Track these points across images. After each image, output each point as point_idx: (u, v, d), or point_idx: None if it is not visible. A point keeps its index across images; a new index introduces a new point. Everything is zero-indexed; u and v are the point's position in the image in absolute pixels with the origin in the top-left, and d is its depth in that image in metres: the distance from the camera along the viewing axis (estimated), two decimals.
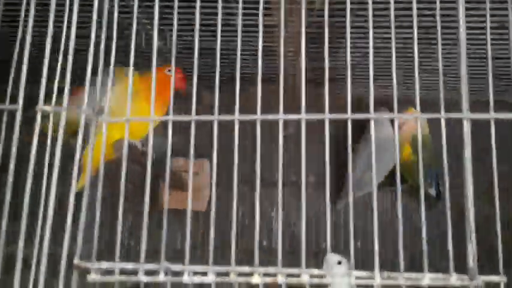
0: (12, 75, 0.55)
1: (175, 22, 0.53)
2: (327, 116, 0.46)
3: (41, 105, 0.48)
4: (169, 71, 0.97)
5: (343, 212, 1.29)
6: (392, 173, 1.17)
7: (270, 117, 0.48)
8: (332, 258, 0.58)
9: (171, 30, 0.91)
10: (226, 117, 0.47)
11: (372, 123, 0.49)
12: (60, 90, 0.50)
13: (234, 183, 0.49)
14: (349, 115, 0.47)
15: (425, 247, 0.44)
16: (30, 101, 0.51)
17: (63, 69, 0.48)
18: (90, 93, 0.51)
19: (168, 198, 1.23)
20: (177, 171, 1.22)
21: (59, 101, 0.50)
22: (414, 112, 1.14)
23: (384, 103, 1.24)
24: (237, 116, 0.47)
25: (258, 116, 0.48)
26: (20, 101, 0.51)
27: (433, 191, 1.24)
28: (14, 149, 0.50)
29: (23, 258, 0.46)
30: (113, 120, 0.52)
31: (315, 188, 1.31)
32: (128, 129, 0.52)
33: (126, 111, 0.54)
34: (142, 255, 0.47)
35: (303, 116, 0.47)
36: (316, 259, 1.25)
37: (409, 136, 1.22)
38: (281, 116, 0.48)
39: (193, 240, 1.28)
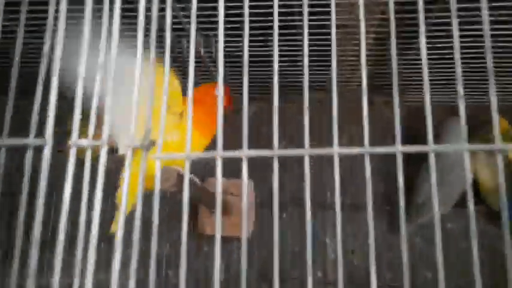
0: (37, 104, 0.45)
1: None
2: (367, 150, 0.36)
3: (75, 139, 0.40)
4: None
5: (408, 240, 1.16)
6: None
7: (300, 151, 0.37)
8: None
9: (216, 35, 0.82)
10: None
11: (433, 158, 0.37)
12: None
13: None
14: (398, 148, 0.36)
15: None
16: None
17: None
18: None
19: (210, 224, 1.14)
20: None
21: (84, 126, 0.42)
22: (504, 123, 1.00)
23: (455, 111, 1.11)
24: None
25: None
26: (49, 134, 0.42)
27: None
28: (41, 194, 0.41)
29: None
30: (169, 156, 0.42)
31: (375, 210, 1.18)
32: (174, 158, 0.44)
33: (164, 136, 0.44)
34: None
35: (335, 150, 0.36)
36: None
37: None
38: (307, 152, 0.38)
39: (238, 270, 1.18)
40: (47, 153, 0.42)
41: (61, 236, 0.40)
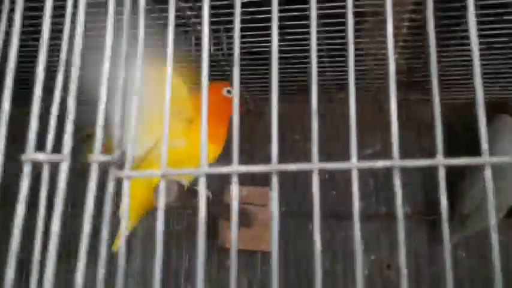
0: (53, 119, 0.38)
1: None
2: (396, 163, 0.27)
3: (98, 155, 0.32)
4: (228, 91, 0.78)
5: (452, 253, 1.03)
6: None
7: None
8: None
9: (228, 31, 0.73)
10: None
11: (489, 172, 0.28)
12: None
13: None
14: (440, 160, 0.27)
15: None
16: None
17: None
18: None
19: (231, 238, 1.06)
20: (241, 203, 1.04)
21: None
22: None
23: (502, 105, 0.98)
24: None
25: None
26: (66, 149, 0.35)
27: None
28: (57, 214, 0.35)
29: None
30: (141, 174, 0.35)
31: (413, 220, 1.06)
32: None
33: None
34: None
35: (354, 164, 0.28)
36: None
37: None
38: (315, 166, 0.28)
39: (262, 286, 1.09)
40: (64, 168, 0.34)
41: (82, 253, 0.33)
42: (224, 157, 0.77)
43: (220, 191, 1.11)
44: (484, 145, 0.27)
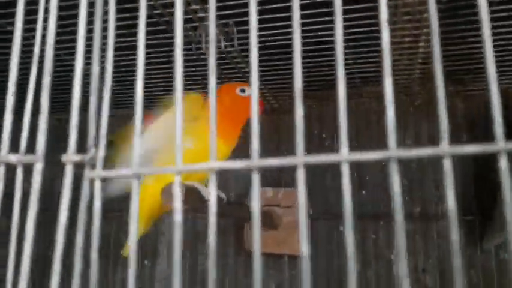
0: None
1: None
2: (393, 153, 0.23)
3: (71, 154, 0.31)
4: (242, 91, 0.75)
5: (494, 254, 0.95)
6: None
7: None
8: None
9: (239, 23, 0.70)
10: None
11: (505, 160, 0.24)
12: None
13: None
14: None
15: None
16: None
17: None
18: None
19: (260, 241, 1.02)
20: (267, 206, 1.01)
21: None
22: None
23: None
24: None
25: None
26: (40, 149, 0.34)
27: None
28: (32, 215, 0.33)
29: None
30: (109, 174, 0.32)
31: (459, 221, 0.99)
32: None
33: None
34: None
35: (344, 157, 0.23)
36: None
37: None
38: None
39: None
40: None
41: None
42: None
43: (245, 194, 1.08)
44: (499, 129, 0.23)
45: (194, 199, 0.58)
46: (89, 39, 0.32)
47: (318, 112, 1.10)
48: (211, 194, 0.28)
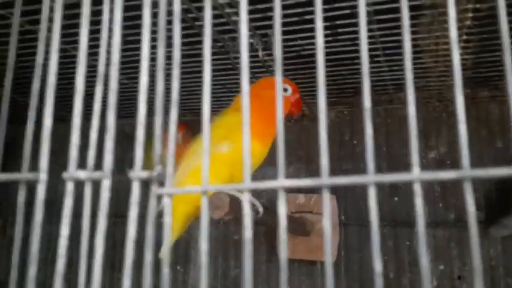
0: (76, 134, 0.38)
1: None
2: (466, 173, 0.23)
3: (138, 171, 0.31)
4: (285, 90, 0.75)
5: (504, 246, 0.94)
6: None
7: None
8: None
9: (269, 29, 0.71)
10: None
11: None
12: None
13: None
14: None
15: None
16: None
17: None
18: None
19: (289, 248, 1.03)
20: (299, 212, 1.01)
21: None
22: None
23: None
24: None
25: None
26: (107, 166, 0.36)
27: None
28: (101, 229, 0.35)
29: None
30: (181, 190, 0.33)
31: (482, 226, 0.98)
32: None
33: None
34: None
35: (416, 176, 0.24)
36: None
37: None
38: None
39: None
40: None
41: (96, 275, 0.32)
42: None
43: (276, 200, 1.08)
44: None
45: (236, 209, 0.59)
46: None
47: (350, 118, 1.10)
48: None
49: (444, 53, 0.74)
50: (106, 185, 0.33)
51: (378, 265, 0.26)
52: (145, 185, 0.33)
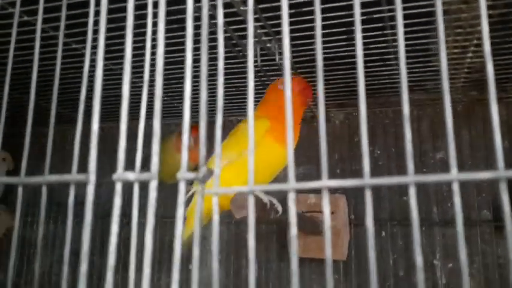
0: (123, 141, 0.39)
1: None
2: (501, 174, 0.25)
3: (184, 172, 0.34)
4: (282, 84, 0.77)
5: None
6: None
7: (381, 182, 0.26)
8: None
9: (295, 38, 0.73)
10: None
11: None
12: None
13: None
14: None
15: None
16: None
17: None
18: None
19: (301, 246, 1.05)
20: (310, 212, 1.03)
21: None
22: None
23: None
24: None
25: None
26: (154, 167, 0.38)
27: None
28: (149, 228, 0.37)
29: None
30: (227, 190, 0.35)
31: (494, 228, 1.00)
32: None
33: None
34: None
35: (455, 176, 0.26)
36: None
37: None
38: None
39: None
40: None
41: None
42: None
43: (286, 199, 1.10)
44: None
45: (259, 209, 0.61)
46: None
47: (359, 120, 1.12)
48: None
49: (453, 57, 0.76)
50: (153, 185, 0.35)
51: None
52: (143, 186, 0.35)
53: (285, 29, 0.37)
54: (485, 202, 1.01)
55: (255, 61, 0.75)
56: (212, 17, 0.64)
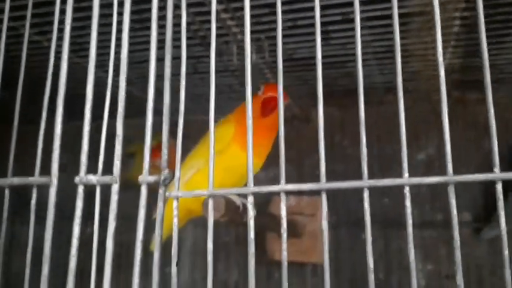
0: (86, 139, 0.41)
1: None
2: (450, 178, 0.27)
3: (146, 175, 0.36)
4: (257, 89, 0.75)
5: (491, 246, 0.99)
6: None
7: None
8: None
9: (270, 37, 0.75)
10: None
11: None
12: None
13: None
14: (497, 174, 0.27)
15: None
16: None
17: None
18: None
19: (279, 250, 1.06)
20: (289, 214, 1.04)
21: None
22: None
23: None
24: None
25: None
26: (116, 170, 0.38)
27: None
28: (111, 232, 0.37)
29: None
30: (189, 194, 0.36)
31: (473, 228, 1.03)
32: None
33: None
34: None
35: (406, 180, 0.28)
36: None
37: None
38: (365, 184, 0.28)
39: None
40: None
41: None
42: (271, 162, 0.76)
43: (266, 202, 1.11)
44: None
45: (232, 211, 0.62)
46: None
47: (340, 118, 1.14)
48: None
49: (432, 58, 0.78)
50: (115, 188, 0.36)
51: (370, 262, 0.29)
52: (107, 188, 0.36)
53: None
54: (465, 205, 1.04)
55: (231, 60, 0.77)
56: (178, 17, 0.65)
